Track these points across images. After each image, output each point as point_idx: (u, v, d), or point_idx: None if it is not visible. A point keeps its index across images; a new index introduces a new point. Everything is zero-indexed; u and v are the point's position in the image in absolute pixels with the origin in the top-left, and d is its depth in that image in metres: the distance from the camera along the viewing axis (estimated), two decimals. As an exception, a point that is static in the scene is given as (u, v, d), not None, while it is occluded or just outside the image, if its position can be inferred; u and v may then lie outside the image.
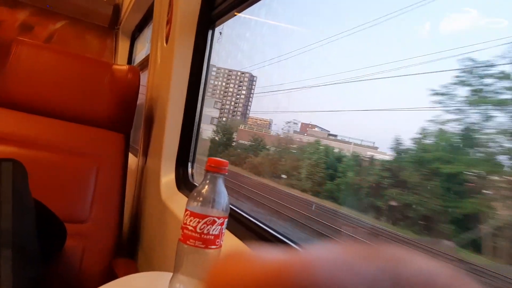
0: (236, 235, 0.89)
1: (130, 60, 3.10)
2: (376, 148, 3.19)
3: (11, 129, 1.24)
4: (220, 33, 1.38)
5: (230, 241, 0.86)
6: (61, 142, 1.28)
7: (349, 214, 2.76)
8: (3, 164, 0.93)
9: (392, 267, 0.10)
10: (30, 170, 0.97)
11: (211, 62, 1.38)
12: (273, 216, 3.24)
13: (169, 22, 1.42)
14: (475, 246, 1.28)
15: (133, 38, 3.09)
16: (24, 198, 0.95)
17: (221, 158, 0.62)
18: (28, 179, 0.97)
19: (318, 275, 0.10)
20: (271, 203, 3.67)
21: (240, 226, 0.95)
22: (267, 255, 0.11)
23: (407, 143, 2.13)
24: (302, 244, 0.83)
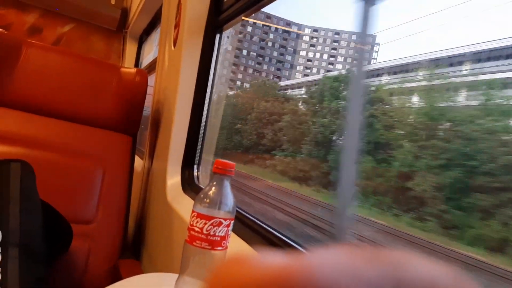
0: (242, 238, 0.90)
1: (137, 63, 3.12)
2: None
3: (19, 129, 1.25)
4: (228, 37, 1.39)
5: (236, 244, 0.86)
6: (69, 144, 1.29)
7: None
8: (11, 165, 0.94)
9: (394, 271, 0.10)
10: (38, 171, 0.98)
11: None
12: None
13: (177, 25, 1.43)
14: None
15: (141, 41, 3.11)
16: (32, 199, 0.96)
17: None
18: (35, 180, 0.98)
19: (320, 279, 0.10)
20: None
21: (247, 228, 0.95)
22: (270, 258, 0.11)
23: None
24: (308, 247, 0.83)
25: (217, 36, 1.37)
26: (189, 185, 1.34)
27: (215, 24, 1.35)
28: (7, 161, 0.94)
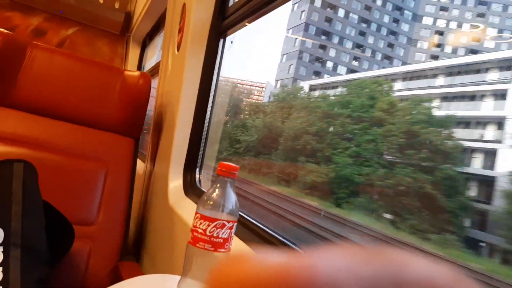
0: (243, 240, 0.90)
1: (140, 67, 3.13)
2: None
3: (23, 131, 1.25)
4: (232, 42, 1.41)
5: (238, 246, 0.86)
6: (72, 145, 1.30)
7: None
8: (14, 165, 0.95)
9: (393, 271, 0.10)
10: (40, 171, 0.98)
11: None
12: None
13: (181, 30, 1.45)
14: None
15: (144, 45, 3.13)
16: (34, 199, 0.96)
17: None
18: (38, 180, 0.98)
19: (319, 278, 0.10)
20: None
21: (248, 231, 0.95)
22: (269, 258, 0.11)
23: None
24: (307, 248, 0.84)
25: (221, 41, 1.38)
26: (191, 188, 1.34)
27: (219, 29, 1.36)
28: (10, 161, 0.95)
